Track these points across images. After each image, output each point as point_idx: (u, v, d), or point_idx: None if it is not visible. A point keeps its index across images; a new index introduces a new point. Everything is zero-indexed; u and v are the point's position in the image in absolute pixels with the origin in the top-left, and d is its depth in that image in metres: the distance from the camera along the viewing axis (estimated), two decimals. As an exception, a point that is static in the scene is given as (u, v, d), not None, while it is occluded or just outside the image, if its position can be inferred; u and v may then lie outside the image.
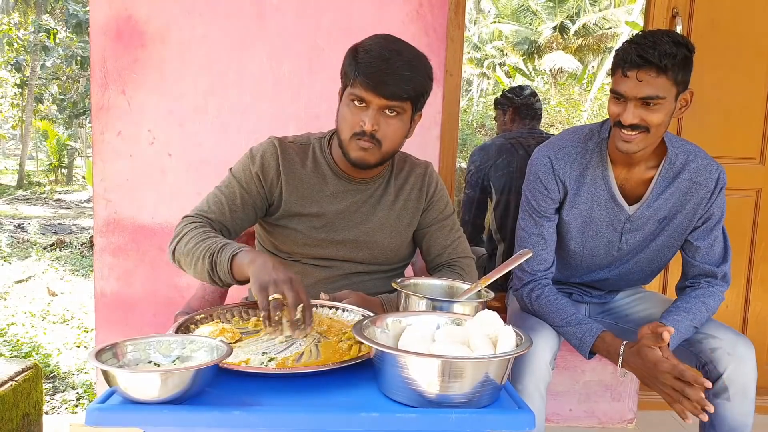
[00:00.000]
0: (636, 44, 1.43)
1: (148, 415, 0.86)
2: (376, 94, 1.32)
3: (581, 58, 16.06)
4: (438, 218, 1.58)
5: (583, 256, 1.72)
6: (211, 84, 2.10)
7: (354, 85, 1.34)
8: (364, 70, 1.31)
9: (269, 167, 1.47)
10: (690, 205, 1.63)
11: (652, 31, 1.47)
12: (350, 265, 1.52)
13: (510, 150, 2.56)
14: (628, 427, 2.27)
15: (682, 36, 1.47)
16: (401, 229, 1.55)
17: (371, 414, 0.88)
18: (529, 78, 15.09)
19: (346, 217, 1.50)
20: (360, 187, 1.51)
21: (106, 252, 2.13)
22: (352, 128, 1.36)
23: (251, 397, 0.94)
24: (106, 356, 0.91)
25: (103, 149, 2.09)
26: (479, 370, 0.90)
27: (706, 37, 2.31)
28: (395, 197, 1.54)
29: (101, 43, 2.05)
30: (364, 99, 1.33)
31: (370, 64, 1.31)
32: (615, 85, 1.49)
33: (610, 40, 15.34)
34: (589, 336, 1.56)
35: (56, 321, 4.84)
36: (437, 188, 1.59)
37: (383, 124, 1.36)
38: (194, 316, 1.25)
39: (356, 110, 1.35)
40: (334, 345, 1.15)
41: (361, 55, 1.33)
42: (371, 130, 1.34)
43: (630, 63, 1.43)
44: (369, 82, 1.31)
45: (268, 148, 1.49)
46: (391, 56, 1.31)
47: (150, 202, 2.12)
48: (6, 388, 2.13)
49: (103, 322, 2.15)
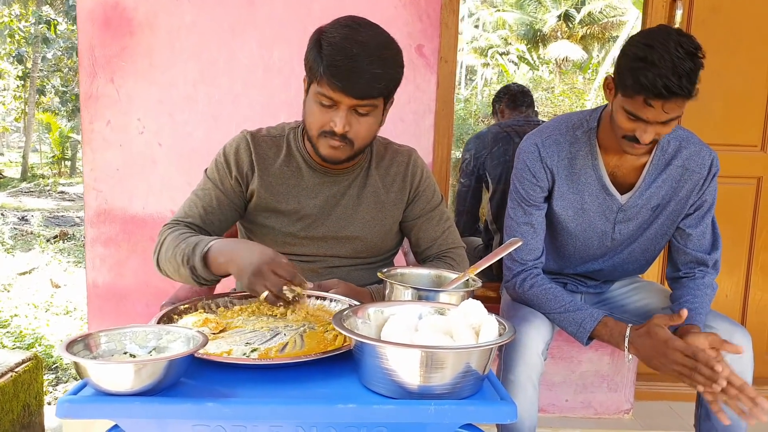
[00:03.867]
0: (657, 70, 1.32)
1: (120, 407, 0.84)
2: (345, 95, 1.23)
3: (586, 47, 15.91)
4: (426, 209, 1.52)
5: (576, 247, 1.70)
6: (200, 72, 2.07)
7: (321, 84, 1.24)
8: (331, 70, 1.21)
9: (243, 163, 1.42)
10: (683, 192, 1.60)
11: (664, 42, 1.34)
12: (334, 259, 1.48)
13: (506, 138, 2.53)
14: (624, 417, 2.25)
15: (690, 39, 1.37)
16: (385, 222, 1.49)
17: (348, 405, 0.86)
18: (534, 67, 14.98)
19: (325, 212, 1.45)
20: (337, 179, 1.45)
21: (97, 243, 2.11)
22: (322, 127, 1.29)
23: (228, 389, 0.92)
24: (78, 347, 0.90)
25: (93, 139, 2.07)
26: (460, 360, 0.87)
27: (707, 22, 2.27)
28: (376, 188, 1.47)
29: (89, 31, 2.02)
30: (334, 99, 1.25)
31: (337, 63, 1.20)
32: (634, 109, 1.40)
33: (616, 28, 15.18)
34: (590, 321, 1.53)
35: (59, 313, 4.86)
36: (422, 177, 1.51)
37: (355, 123, 1.28)
38: (178, 306, 1.23)
39: (325, 110, 1.27)
40: (320, 335, 1.13)
41: (326, 50, 1.22)
42: (342, 132, 1.27)
43: (656, 95, 1.34)
44: (337, 84, 1.21)
45: (241, 143, 1.44)
46: (358, 52, 1.21)
47: (141, 192, 2.11)
48: (6, 379, 2.13)
49: (96, 312, 2.14)
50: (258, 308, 1.28)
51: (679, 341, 1.39)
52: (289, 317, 1.23)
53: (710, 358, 1.33)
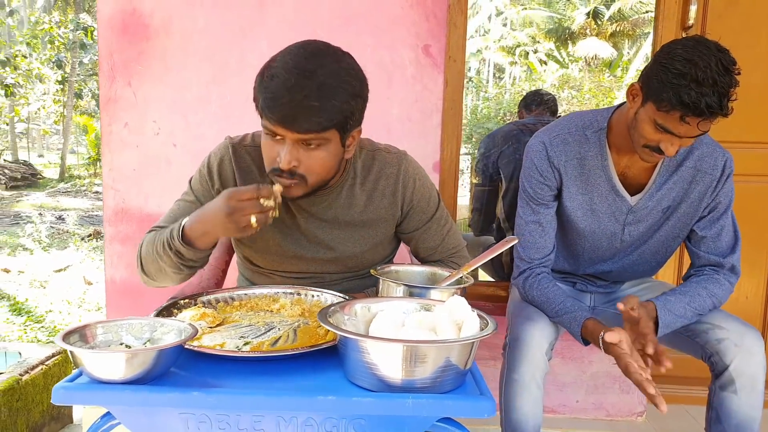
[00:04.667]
0: (699, 88, 1.30)
1: (111, 395, 0.88)
2: (286, 129, 1.14)
3: (616, 44, 15.60)
4: (422, 220, 1.44)
5: (585, 248, 1.69)
6: (213, 74, 2.12)
7: (263, 116, 1.16)
8: (268, 103, 1.13)
9: (226, 176, 1.36)
10: (695, 194, 1.57)
11: (705, 59, 1.31)
12: (326, 275, 1.45)
13: (518, 136, 2.52)
14: (637, 420, 2.21)
15: (728, 55, 1.34)
16: (375, 238, 1.42)
17: (328, 397, 0.88)
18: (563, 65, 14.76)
19: (311, 233, 1.38)
20: (320, 198, 1.35)
21: (115, 240, 2.18)
22: (271, 163, 1.21)
23: (216, 379, 0.96)
24: (74, 338, 0.94)
25: (111, 140, 2.14)
26: (440, 354, 0.89)
27: (724, 17, 2.22)
28: (364, 207, 1.38)
29: (108, 37, 2.09)
30: (276, 132, 1.16)
31: (275, 95, 1.12)
32: (667, 124, 1.37)
33: (647, 24, 14.86)
34: (575, 324, 1.53)
35: (91, 309, 5.02)
36: (415, 188, 1.40)
37: (304, 157, 1.18)
38: (178, 300, 1.27)
39: (272, 143, 1.19)
40: (312, 330, 1.15)
41: (266, 82, 1.14)
42: (289, 168, 1.18)
43: (696, 113, 1.32)
44: (275, 117, 1.13)
45: (224, 156, 1.36)
46: (298, 82, 1.11)
47: (156, 191, 2.17)
48: (36, 372, 2.23)
49: (114, 308, 2.21)
50: (256, 304, 1.31)
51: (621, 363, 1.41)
52: (286, 312, 1.26)
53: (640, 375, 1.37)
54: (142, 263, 1.30)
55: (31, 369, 2.23)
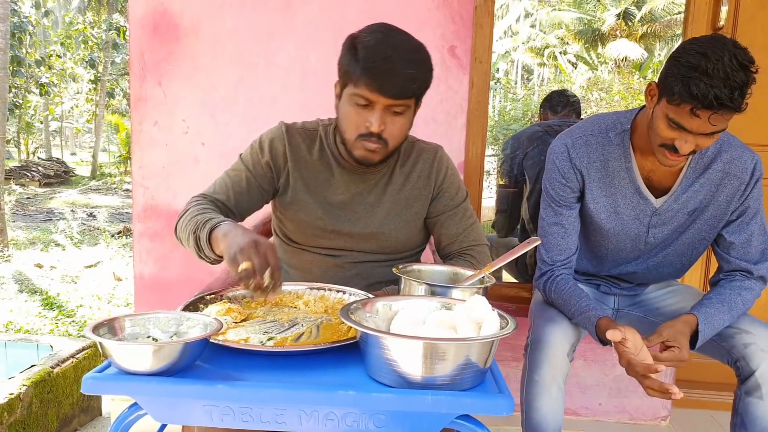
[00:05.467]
0: (709, 80, 1.29)
1: (138, 385, 0.91)
2: (381, 95, 1.29)
3: (647, 46, 15.34)
4: (449, 206, 1.54)
5: (609, 249, 1.67)
6: (241, 75, 2.16)
7: (358, 85, 1.30)
8: (367, 71, 1.27)
9: (277, 153, 1.49)
10: (722, 198, 1.54)
11: (719, 53, 1.30)
12: (360, 254, 1.52)
13: (542, 138, 2.50)
14: (661, 424, 2.18)
15: (744, 52, 1.32)
16: (409, 219, 1.52)
17: (348, 392, 0.90)
18: (593, 67, 14.57)
19: (352, 209, 1.49)
20: (364, 177, 1.49)
21: (144, 237, 2.23)
22: (358, 129, 1.34)
23: (239, 373, 0.98)
24: (103, 330, 0.97)
25: (141, 138, 2.19)
26: (460, 352, 0.89)
27: (757, 17, 2.18)
28: (401, 186, 1.51)
29: (139, 37, 2.14)
30: (370, 100, 1.30)
31: (373, 64, 1.27)
32: (679, 118, 1.36)
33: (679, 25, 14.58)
34: (589, 324, 1.52)
35: (120, 304, 5.12)
36: (447, 174, 1.54)
37: (389, 123, 1.33)
38: (204, 295, 1.30)
39: (361, 111, 1.33)
40: (335, 326, 1.17)
41: (362, 53, 1.29)
42: (378, 131, 1.33)
43: (706, 105, 1.30)
44: (374, 84, 1.27)
45: (276, 134, 1.50)
46: (393, 53, 1.27)
47: (184, 188, 2.21)
48: (67, 365, 2.29)
49: (142, 303, 2.26)
50: (280, 300, 1.33)
51: (624, 360, 1.41)
52: (309, 309, 1.28)
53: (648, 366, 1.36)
54: (178, 223, 1.39)
55: (62, 362, 2.29)
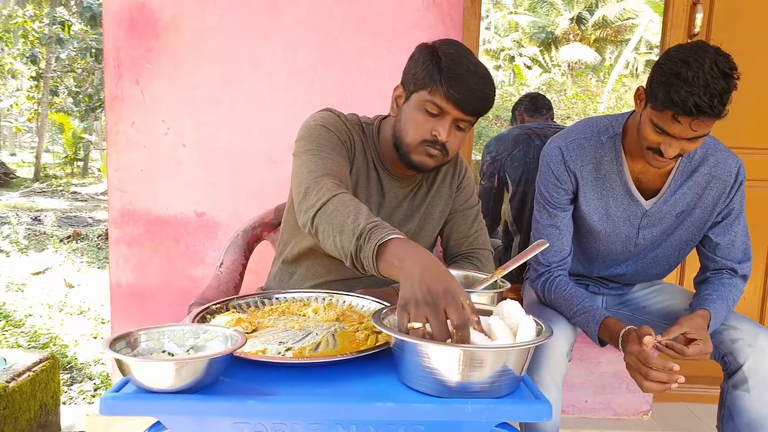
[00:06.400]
0: (689, 87, 1.32)
1: (163, 404, 0.86)
2: (457, 108, 1.29)
3: (599, 50, 15.87)
4: (463, 206, 1.57)
5: (600, 251, 1.70)
6: (225, 74, 2.09)
7: (434, 93, 1.29)
8: (450, 82, 1.26)
9: (341, 131, 1.40)
10: (709, 200, 1.60)
11: (699, 60, 1.33)
12: None
13: (526, 140, 2.53)
14: (643, 419, 2.24)
15: (727, 59, 1.36)
16: (436, 218, 1.55)
17: (387, 404, 0.87)
18: (546, 69, 14.95)
19: (387, 212, 1.48)
20: (402, 182, 1.49)
21: (121, 243, 2.13)
22: (423, 135, 1.33)
23: (266, 387, 0.93)
24: (120, 345, 0.91)
25: (118, 140, 2.09)
26: (499, 359, 0.88)
27: (729, 26, 2.26)
28: (429, 188, 1.53)
29: (114, 33, 2.04)
30: (444, 109, 1.30)
31: (458, 76, 1.26)
32: (662, 123, 1.40)
33: (629, 31, 15.14)
34: (593, 323, 1.55)
35: (73, 312, 4.89)
36: (466, 176, 1.59)
37: (452, 135, 1.34)
38: (210, 306, 1.24)
39: (430, 118, 1.32)
40: (351, 335, 1.14)
41: (445, 63, 1.28)
42: (444, 141, 1.32)
43: (685, 112, 1.34)
44: (455, 96, 1.27)
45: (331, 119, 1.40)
46: (475, 70, 1.28)
47: (165, 192, 2.13)
48: (24, 379, 2.16)
49: (119, 312, 2.16)
50: (288, 308, 1.29)
51: (635, 347, 1.39)
52: (320, 317, 1.25)
53: (665, 363, 1.35)
54: (320, 212, 1.16)
55: (17, 376, 2.16)
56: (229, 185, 2.12)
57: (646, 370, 1.35)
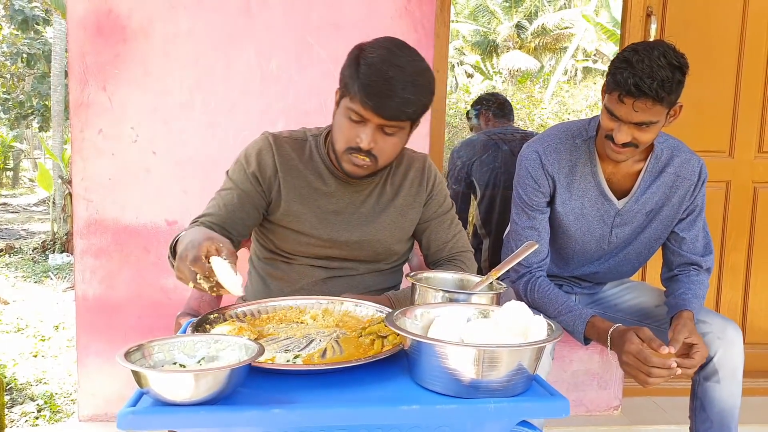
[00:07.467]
0: (632, 70, 1.42)
1: (185, 417, 0.83)
2: (375, 114, 1.26)
3: (538, 57, 16.42)
4: (438, 212, 1.55)
5: (575, 251, 1.76)
6: (197, 80, 2.04)
7: (353, 100, 1.28)
8: (364, 89, 1.24)
9: (265, 165, 1.43)
10: (675, 198, 1.69)
11: (649, 49, 1.44)
12: (351, 263, 1.49)
13: (494, 146, 2.59)
14: (614, 414, 2.33)
15: (678, 55, 1.46)
16: (405, 226, 1.52)
17: (412, 406, 0.88)
18: (488, 77, 15.32)
19: (347, 217, 1.47)
20: (358, 187, 1.47)
21: (87, 254, 2.05)
22: (348, 142, 1.32)
23: (285, 395, 0.92)
24: (135, 357, 0.88)
25: (84, 147, 2.01)
26: (514, 358, 0.90)
27: (680, 35, 2.38)
28: (395, 194, 1.51)
29: (80, 38, 1.97)
30: (363, 116, 1.28)
31: (372, 83, 1.24)
32: (610, 105, 1.50)
33: (566, 39, 15.73)
34: (580, 322, 1.60)
35: (10, 330, 4.63)
36: (436, 181, 1.56)
37: (380, 141, 1.31)
38: (207, 316, 1.21)
39: (353, 125, 1.30)
40: (354, 340, 1.14)
41: (363, 69, 1.26)
42: (368, 148, 1.30)
43: (627, 92, 1.44)
44: (369, 103, 1.25)
45: (263, 145, 1.44)
46: (394, 75, 1.24)
47: (134, 201, 2.06)
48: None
49: (86, 326, 2.07)
50: (285, 315, 1.28)
51: (634, 347, 1.44)
52: (318, 323, 1.24)
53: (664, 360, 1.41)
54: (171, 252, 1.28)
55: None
56: (201, 193, 2.07)
57: (648, 369, 1.41)
